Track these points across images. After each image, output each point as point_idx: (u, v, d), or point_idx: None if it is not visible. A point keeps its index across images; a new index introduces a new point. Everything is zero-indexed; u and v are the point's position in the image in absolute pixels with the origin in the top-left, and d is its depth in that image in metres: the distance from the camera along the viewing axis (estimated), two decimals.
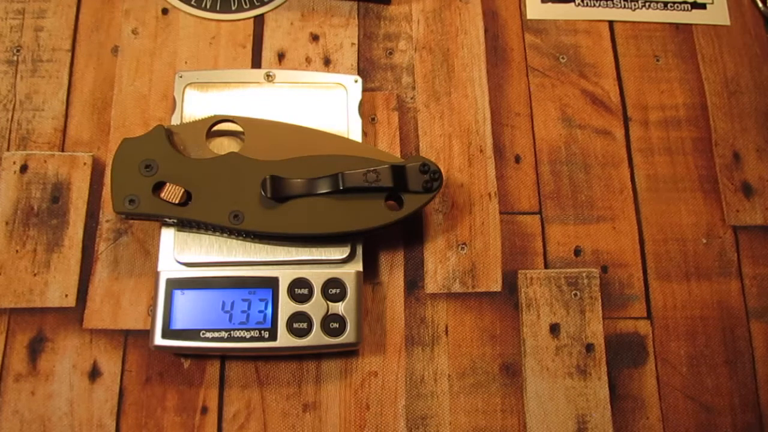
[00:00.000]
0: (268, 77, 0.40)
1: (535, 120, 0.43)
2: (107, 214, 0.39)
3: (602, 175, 0.41)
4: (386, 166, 0.35)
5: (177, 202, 0.34)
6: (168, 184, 0.34)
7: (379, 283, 0.38)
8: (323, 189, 0.34)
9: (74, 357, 0.36)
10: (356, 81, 0.40)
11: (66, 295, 0.37)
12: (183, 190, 0.34)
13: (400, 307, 0.38)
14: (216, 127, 0.36)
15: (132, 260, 0.38)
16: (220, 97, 0.38)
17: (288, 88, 0.39)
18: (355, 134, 0.39)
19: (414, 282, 0.39)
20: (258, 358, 0.37)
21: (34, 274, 0.37)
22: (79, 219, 0.38)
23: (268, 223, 0.34)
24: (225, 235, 0.35)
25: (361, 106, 0.40)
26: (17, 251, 0.37)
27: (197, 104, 0.38)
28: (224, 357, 0.36)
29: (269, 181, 0.34)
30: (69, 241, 0.38)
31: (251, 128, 0.36)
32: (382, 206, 0.35)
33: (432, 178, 0.35)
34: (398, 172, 0.35)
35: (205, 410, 0.36)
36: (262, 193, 0.34)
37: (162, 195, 0.34)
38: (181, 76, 0.39)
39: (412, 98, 0.42)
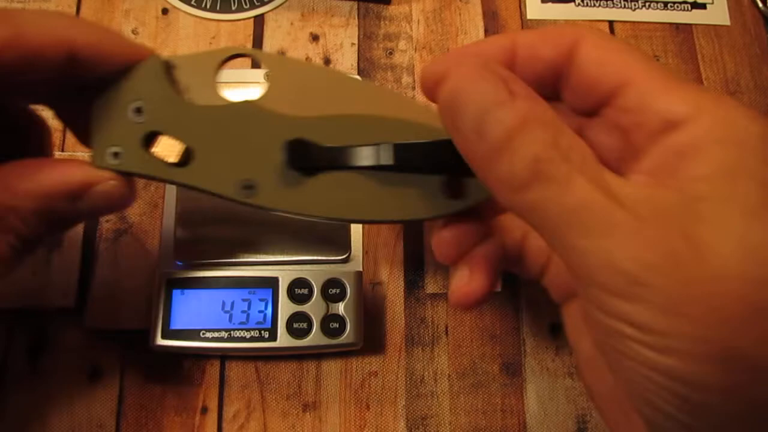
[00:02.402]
0: (268, 77, 0.40)
1: None
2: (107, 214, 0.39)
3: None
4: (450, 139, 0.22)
5: (173, 161, 0.26)
6: (162, 136, 0.26)
7: (379, 283, 0.38)
8: (364, 161, 0.25)
9: (74, 357, 0.36)
10: None
11: (66, 295, 0.37)
12: (182, 146, 0.26)
13: (400, 307, 0.38)
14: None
15: (132, 260, 0.38)
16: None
17: None
18: None
19: (414, 282, 0.39)
20: (258, 358, 0.37)
21: (34, 274, 0.37)
22: None
23: (287, 200, 0.26)
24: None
25: None
26: None
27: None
28: (224, 357, 0.36)
29: (294, 144, 0.26)
30: (69, 241, 0.38)
31: (278, 70, 0.27)
32: (438, 193, 0.25)
33: None
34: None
35: (205, 410, 0.36)
36: (284, 159, 0.26)
37: (154, 150, 0.26)
38: None
39: (412, 98, 0.42)
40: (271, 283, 0.35)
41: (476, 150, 0.21)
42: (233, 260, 0.35)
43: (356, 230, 0.37)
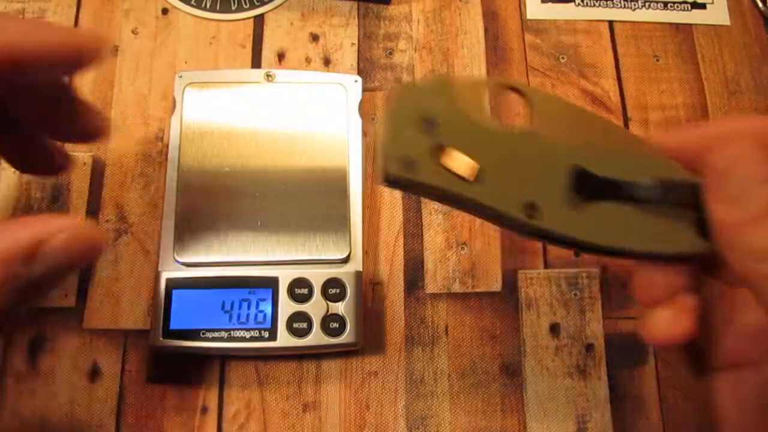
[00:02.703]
0: (268, 77, 0.40)
1: None
2: (107, 214, 0.39)
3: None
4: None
5: (463, 176, 0.26)
6: (453, 151, 0.26)
7: (379, 283, 0.38)
8: (644, 194, 0.27)
9: (74, 357, 0.36)
10: (356, 81, 0.40)
11: (66, 295, 0.37)
12: (472, 162, 0.26)
13: (400, 307, 0.38)
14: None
15: (132, 260, 0.38)
16: (220, 97, 0.39)
17: (288, 87, 0.39)
18: (355, 134, 0.39)
19: (414, 282, 0.39)
20: (258, 358, 0.37)
21: None
22: (79, 218, 0.38)
23: (569, 226, 0.26)
24: (513, 230, 0.27)
25: (361, 105, 0.40)
26: None
27: (197, 104, 0.38)
28: (224, 357, 0.36)
29: (581, 172, 0.27)
30: None
31: (542, 105, 0.28)
32: (692, 230, 0.27)
33: None
34: None
35: (205, 410, 0.36)
36: (568, 184, 0.26)
37: (447, 163, 0.25)
38: (180, 76, 0.39)
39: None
40: (271, 282, 0.35)
41: (730, 214, 0.23)
42: (233, 260, 0.35)
43: (356, 230, 0.37)
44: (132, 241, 0.38)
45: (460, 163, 0.26)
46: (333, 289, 0.35)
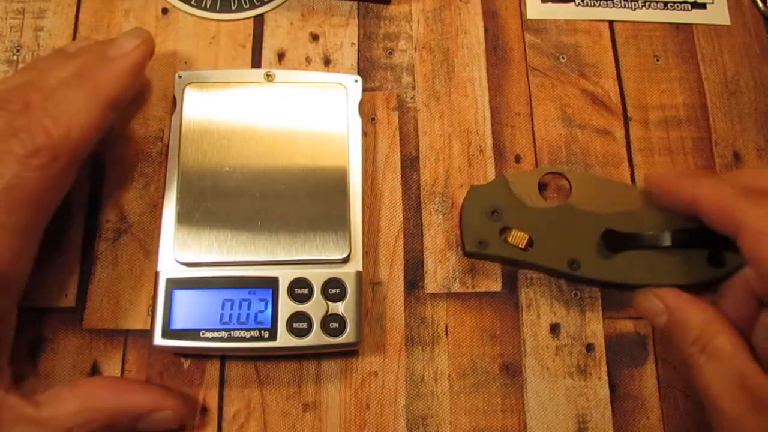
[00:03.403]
0: (268, 77, 0.40)
1: (535, 120, 0.43)
2: (107, 214, 0.39)
3: (602, 174, 0.41)
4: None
5: (522, 247, 0.36)
6: (514, 229, 0.37)
7: (379, 283, 0.38)
8: (665, 243, 0.36)
9: (74, 357, 0.36)
10: (356, 81, 0.40)
11: (66, 295, 0.37)
12: (527, 236, 0.37)
13: (400, 307, 0.38)
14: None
15: (132, 260, 0.38)
16: (220, 97, 0.38)
17: (288, 87, 0.39)
18: (355, 134, 0.39)
19: (414, 282, 0.39)
20: (258, 358, 0.37)
21: (34, 274, 0.37)
22: (79, 219, 0.38)
23: (604, 272, 0.36)
24: (561, 279, 0.39)
25: (361, 105, 0.40)
26: None
27: (197, 104, 0.38)
28: (224, 357, 0.37)
29: (608, 232, 0.36)
30: (69, 241, 0.38)
31: (579, 182, 0.38)
32: (704, 262, 0.36)
33: None
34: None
35: (204, 410, 0.36)
36: (599, 243, 0.36)
37: (509, 239, 0.37)
38: (180, 77, 0.39)
39: (412, 98, 0.42)
40: (271, 282, 0.35)
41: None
42: (233, 260, 0.35)
43: (356, 230, 0.37)
44: (132, 241, 0.38)
45: (519, 238, 0.37)
46: (333, 289, 0.35)
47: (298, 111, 0.39)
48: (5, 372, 0.32)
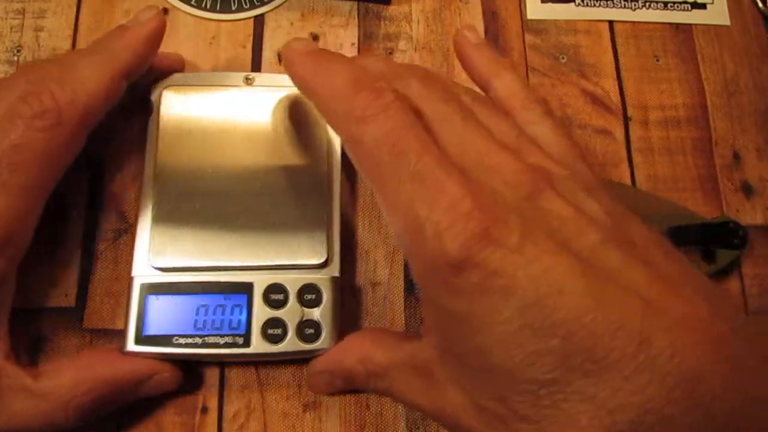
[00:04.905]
0: (248, 80, 0.39)
1: None
2: (107, 213, 0.39)
3: (602, 174, 0.41)
4: (714, 222, 0.38)
5: None
6: None
7: (379, 283, 0.38)
8: None
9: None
10: None
11: (66, 295, 0.37)
12: None
13: (400, 307, 0.38)
14: None
15: (132, 260, 0.38)
16: (197, 101, 0.38)
17: (267, 91, 0.39)
18: (336, 139, 0.38)
19: (414, 282, 0.39)
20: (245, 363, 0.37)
21: (34, 274, 0.37)
22: (79, 219, 0.38)
23: None
24: None
25: None
26: None
27: (174, 107, 0.38)
28: (198, 363, 0.36)
29: None
30: (69, 241, 0.38)
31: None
32: (698, 259, 0.37)
33: (739, 236, 0.38)
34: (717, 229, 0.38)
35: (205, 410, 0.36)
36: None
37: None
38: (157, 80, 0.39)
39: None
40: (246, 288, 0.35)
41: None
42: (209, 265, 0.35)
43: (334, 235, 0.36)
44: (132, 241, 0.38)
45: None
46: (309, 294, 0.35)
47: (277, 115, 0.38)
48: (4, 341, 0.32)
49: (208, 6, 0.44)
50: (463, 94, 0.32)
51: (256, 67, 0.42)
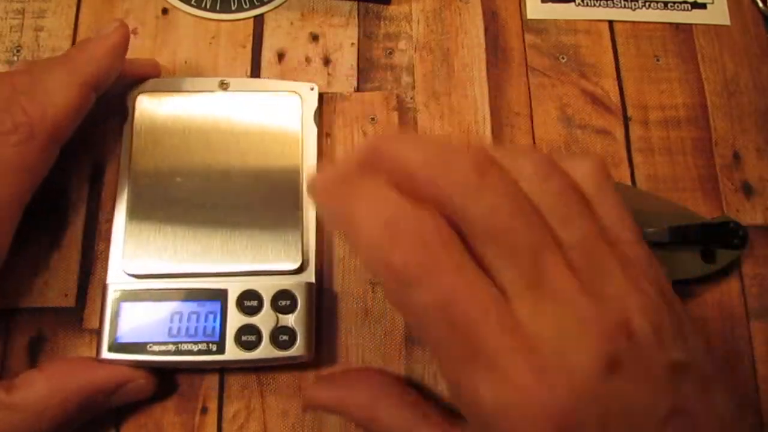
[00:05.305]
0: (223, 84, 0.39)
1: (535, 120, 0.43)
2: (107, 214, 0.39)
3: None
4: (714, 222, 0.38)
5: None
6: None
7: (380, 284, 0.38)
8: (664, 239, 0.36)
9: (74, 357, 0.36)
10: (312, 89, 0.39)
11: (66, 295, 0.37)
12: None
13: None
14: None
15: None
16: (172, 105, 0.38)
17: (241, 95, 0.39)
18: (310, 142, 0.38)
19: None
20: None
21: (34, 274, 0.37)
22: (79, 219, 0.38)
23: None
24: None
25: (317, 114, 0.39)
26: (17, 251, 0.37)
27: (149, 112, 0.38)
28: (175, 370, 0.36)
29: None
30: (69, 241, 0.38)
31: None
32: (698, 258, 0.37)
33: (739, 236, 0.38)
34: (718, 229, 0.38)
35: (205, 410, 0.36)
36: None
37: None
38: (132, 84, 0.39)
39: (411, 98, 0.42)
40: (220, 295, 0.35)
41: None
42: (183, 272, 0.35)
43: (309, 241, 0.36)
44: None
45: None
46: (283, 300, 0.35)
47: (251, 119, 0.38)
48: None
49: (207, 6, 0.44)
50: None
51: (256, 66, 0.42)
